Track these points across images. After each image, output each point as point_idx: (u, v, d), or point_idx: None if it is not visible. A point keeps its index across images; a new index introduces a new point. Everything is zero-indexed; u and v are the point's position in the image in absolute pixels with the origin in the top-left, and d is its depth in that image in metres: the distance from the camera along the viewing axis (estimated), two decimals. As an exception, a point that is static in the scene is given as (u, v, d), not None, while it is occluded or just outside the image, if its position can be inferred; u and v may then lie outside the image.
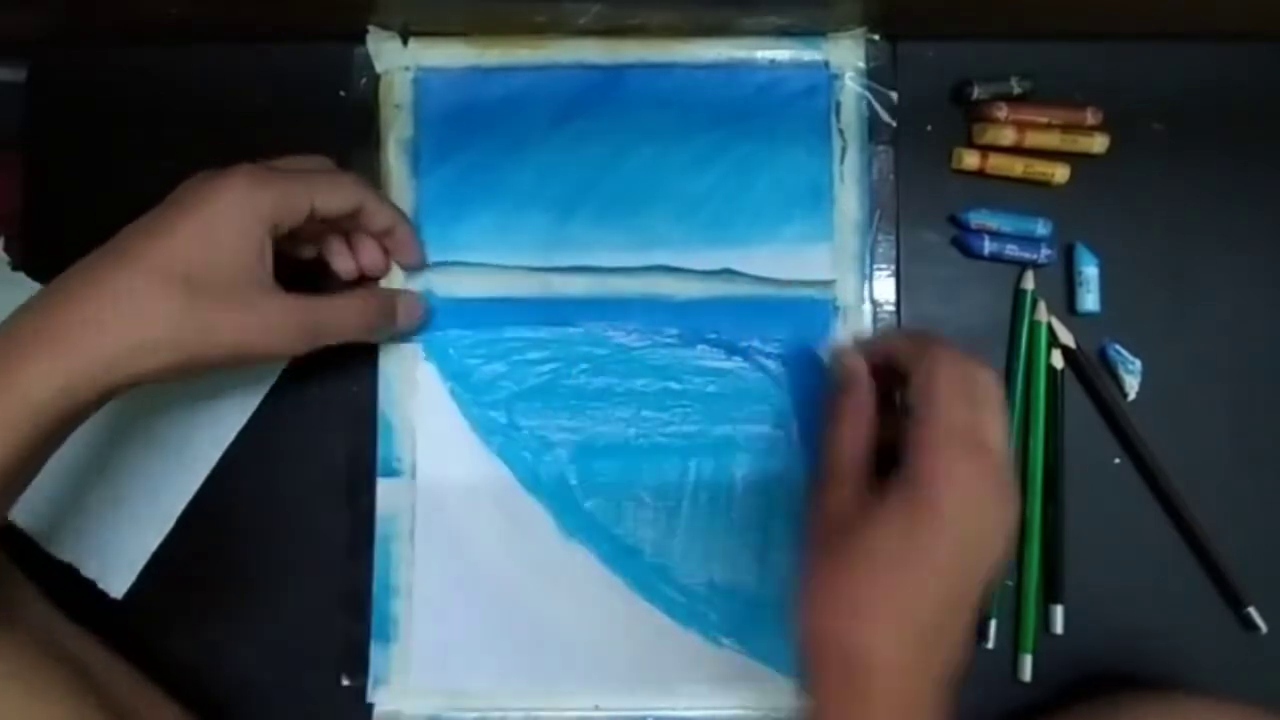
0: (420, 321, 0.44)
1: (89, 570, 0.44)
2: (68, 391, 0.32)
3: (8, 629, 0.36)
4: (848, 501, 0.35)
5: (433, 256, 0.45)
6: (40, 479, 0.43)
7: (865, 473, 0.35)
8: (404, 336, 0.45)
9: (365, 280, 0.44)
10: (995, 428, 0.32)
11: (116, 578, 0.44)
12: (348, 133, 0.45)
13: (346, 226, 0.42)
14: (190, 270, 0.34)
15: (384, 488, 0.44)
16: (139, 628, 0.43)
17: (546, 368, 0.45)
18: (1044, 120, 0.44)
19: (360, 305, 0.41)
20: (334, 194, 0.38)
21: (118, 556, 0.44)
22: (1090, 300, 0.44)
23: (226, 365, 0.36)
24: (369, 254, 0.43)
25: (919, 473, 0.31)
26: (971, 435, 0.31)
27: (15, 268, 0.45)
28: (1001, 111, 0.44)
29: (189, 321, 0.34)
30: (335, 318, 0.39)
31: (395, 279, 0.45)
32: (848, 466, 0.36)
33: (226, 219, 0.35)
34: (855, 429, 0.37)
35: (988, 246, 0.44)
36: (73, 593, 0.42)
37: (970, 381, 0.33)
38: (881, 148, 0.45)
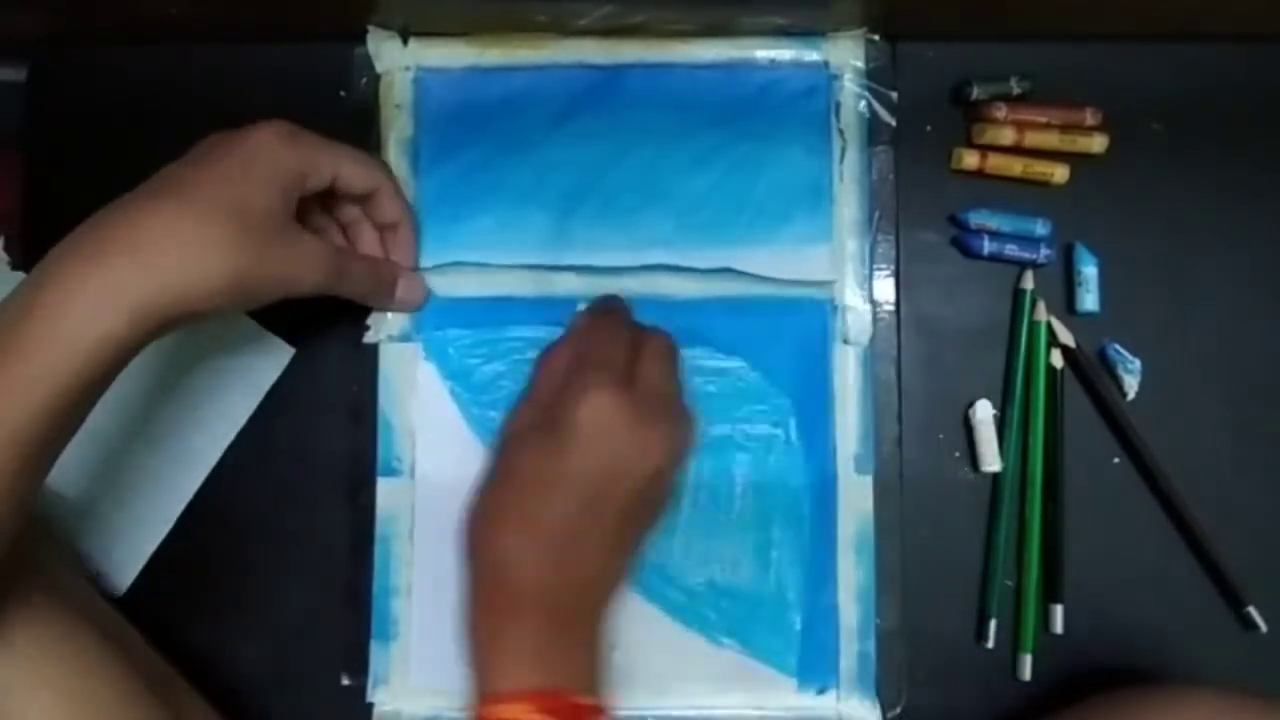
0: (418, 303, 0.44)
1: (90, 568, 0.44)
2: (130, 322, 0.32)
3: (51, 596, 0.36)
4: (527, 425, 0.37)
5: (433, 256, 0.45)
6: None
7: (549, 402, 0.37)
8: (405, 336, 0.45)
9: None
10: (648, 366, 0.36)
11: (117, 576, 0.44)
12: (348, 133, 0.44)
13: (349, 217, 0.42)
14: (238, 205, 0.34)
15: (384, 488, 0.44)
16: (139, 626, 0.43)
17: (546, 367, 0.45)
18: (1043, 120, 0.44)
19: (367, 268, 0.42)
20: (358, 169, 0.39)
21: (118, 555, 0.44)
22: (1089, 300, 0.44)
23: (270, 297, 0.36)
24: (368, 248, 0.43)
25: (560, 397, 0.35)
26: (615, 369, 0.35)
27: (15, 268, 0.45)
28: (1001, 112, 0.44)
29: (241, 249, 0.34)
30: (354, 270, 0.40)
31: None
32: (537, 394, 0.38)
33: (262, 162, 0.36)
34: (549, 361, 0.39)
35: (987, 246, 0.44)
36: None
37: (628, 331, 0.38)
38: (881, 148, 0.45)
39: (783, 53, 0.46)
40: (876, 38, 0.45)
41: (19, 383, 0.31)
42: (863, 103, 0.45)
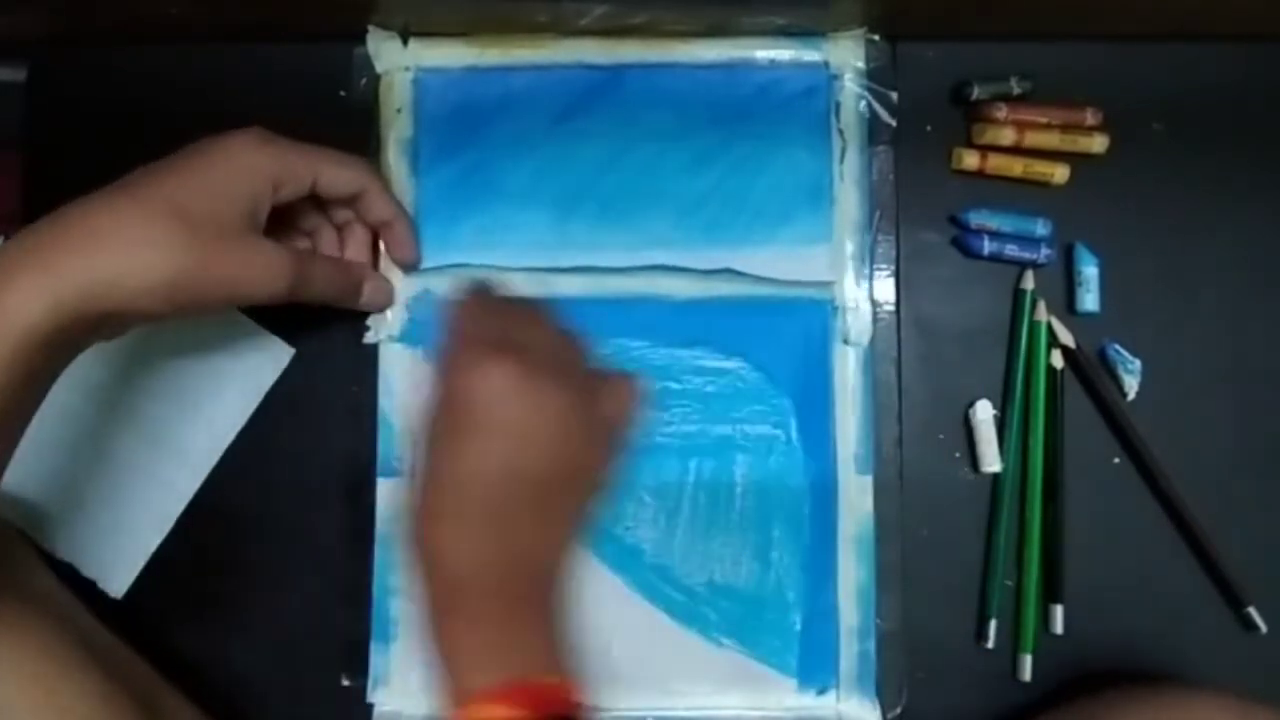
0: (387, 304, 0.44)
1: (89, 570, 0.44)
2: (56, 311, 0.32)
3: (35, 611, 0.36)
4: (434, 421, 0.35)
5: (433, 257, 0.45)
6: (40, 477, 0.43)
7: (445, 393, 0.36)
8: (405, 336, 0.45)
9: None
10: (532, 333, 0.34)
11: (116, 577, 0.44)
12: (348, 133, 0.45)
13: (342, 218, 0.43)
14: (188, 207, 0.34)
15: (384, 488, 0.44)
16: (138, 628, 0.43)
17: (546, 368, 0.45)
18: (1044, 120, 0.44)
19: (332, 271, 0.42)
20: (339, 171, 0.39)
21: (117, 556, 0.44)
22: (1090, 300, 0.44)
23: (215, 303, 0.36)
24: (356, 248, 0.43)
25: (451, 385, 0.33)
26: (495, 342, 0.33)
27: (15, 267, 0.45)
28: (1001, 112, 0.44)
29: (183, 251, 0.34)
30: (317, 275, 0.40)
31: (393, 278, 0.45)
32: (436, 390, 0.37)
33: (228, 168, 0.36)
34: (439, 357, 0.38)
35: (987, 246, 0.44)
36: (72, 592, 0.42)
37: (502, 306, 0.36)
38: (881, 148, 0.45)
39: (783, 53, 0.45)
40: (876, 38, 0.45)
41: None
42: (863, 103, 0.45)
